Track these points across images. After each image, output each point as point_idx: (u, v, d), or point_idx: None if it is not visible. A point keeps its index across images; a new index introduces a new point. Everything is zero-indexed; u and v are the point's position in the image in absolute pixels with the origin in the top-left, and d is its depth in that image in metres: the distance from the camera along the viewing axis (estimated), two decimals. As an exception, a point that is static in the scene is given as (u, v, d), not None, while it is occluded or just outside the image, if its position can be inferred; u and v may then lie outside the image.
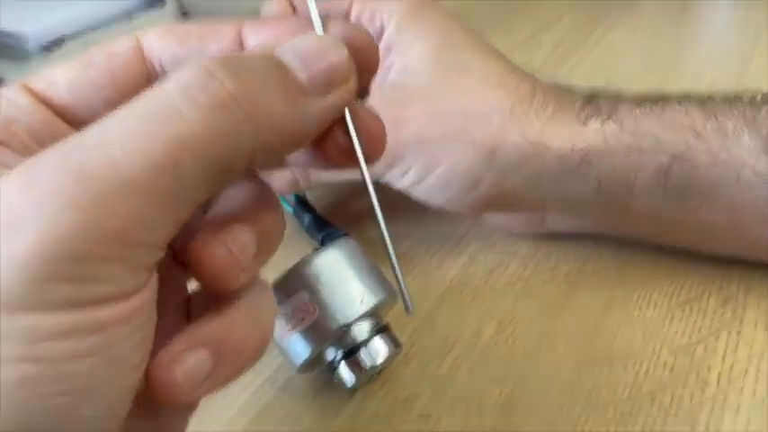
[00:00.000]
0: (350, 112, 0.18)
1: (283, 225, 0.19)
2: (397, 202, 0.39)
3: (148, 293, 0.15)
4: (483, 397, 0.28)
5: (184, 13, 0.67)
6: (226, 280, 0.17)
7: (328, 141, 0.18)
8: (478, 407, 0.27)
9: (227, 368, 0.17)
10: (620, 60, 0.54)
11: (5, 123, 0.18)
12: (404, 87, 0.31)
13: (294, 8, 0.32)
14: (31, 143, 0.18)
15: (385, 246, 0.20)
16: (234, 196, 0.19)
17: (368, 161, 0.19)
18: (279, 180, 0.33)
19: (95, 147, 0.14)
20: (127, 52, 0.19)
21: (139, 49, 0.19)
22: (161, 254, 0.15)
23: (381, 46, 0.32)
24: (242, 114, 0.15)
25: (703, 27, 0.61)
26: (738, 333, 0.29)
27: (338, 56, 0.17)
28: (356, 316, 0.26)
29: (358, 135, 0.18)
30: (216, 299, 0.18)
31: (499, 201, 0.32)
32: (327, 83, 0.17)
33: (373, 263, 0.28)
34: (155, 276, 0.16)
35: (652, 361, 0.28)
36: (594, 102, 0.31)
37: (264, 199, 0.19)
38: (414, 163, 0.31)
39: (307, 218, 0.37)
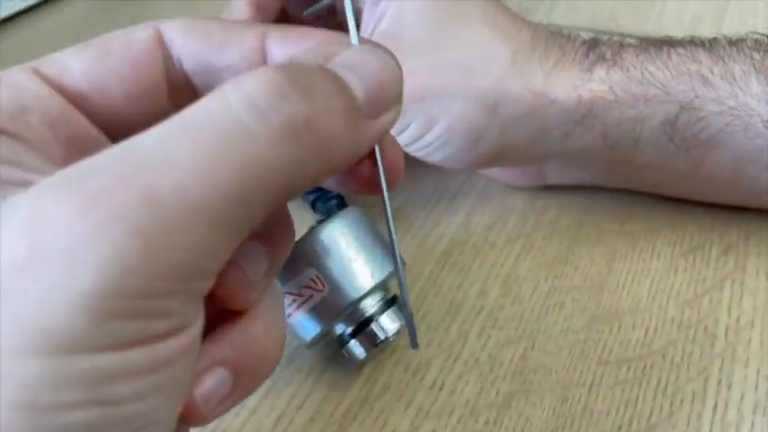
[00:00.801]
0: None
1: (293, 235, 0.18)
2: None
3: (201, 321, 0.14)
4: (495, 362, 0.27)
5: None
6: (237, 301, 0.16)
7: (355, 168, 0.17)
8: (491, 372, 0.27)
9: (246, 384, 0.16)
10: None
11: (18, 112, 0.15)
12: (399, 38, 0.29)
13: (257, 12, 0.30)
14: (49, 136, 0.16)
15: (399, 281, 0.19)
16: None
17: (388, 189, 0.18)
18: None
19: (162, 166, 0.12)
20: (147, 42, 0.17)
21: (160, 40, 0.17)
22: (214, 281, 0.14)
23: None
24: (312, 141, 0.13)
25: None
26: (742, 283, 0.29)
27: (393, 73, 0.16)
28: (366, 290, 0.25)
29: (382, 163, 0.17)
30: (230, 311, 0.16)
31: (500, 156, 0.31)
32: (382, 105, 0.15)
33: (380, 232, 0.27)
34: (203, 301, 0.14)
35: (660, 317, 0.28)
36: (598, 48, 0.30)
37: (277, 212, 0.17)
38: (411, 120, 0.29)
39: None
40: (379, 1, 0.30)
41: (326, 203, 0.34)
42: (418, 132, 0.30)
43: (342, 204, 0.34)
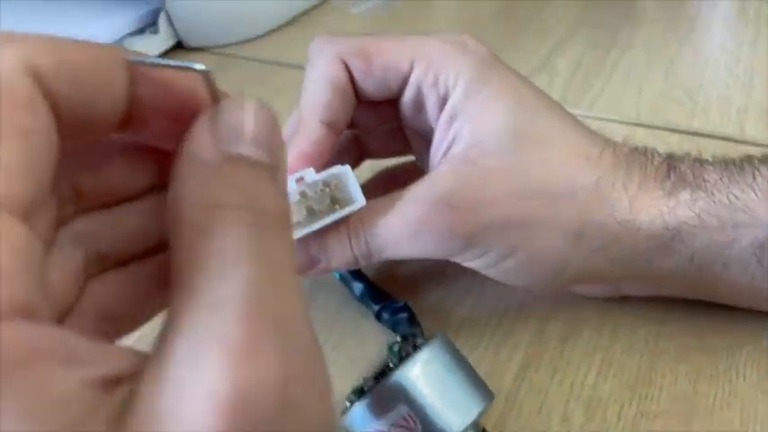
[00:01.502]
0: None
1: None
2: (447, 268, 0.36)
3: None
4: (590, 498, 0.26)
5: (178, 42, 0.63)
6: None
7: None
8: None
9: None
10: (643, 90, 0.52)
11: None
12: (478, 164, 0.28)
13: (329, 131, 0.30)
14: None
15: None
16: None
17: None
18: (338, 259, 0.30)
19: None
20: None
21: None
22: None
23: (445, 113, 0.30)
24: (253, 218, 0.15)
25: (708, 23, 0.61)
26: (839, 407, 0.28)
27: (269, 118, 0.16)
28: (462, 427, 0.24)
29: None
30: None
31: (580, 281, 0.30)
32: (279, 145, 0.16)
33: (467, 361, 0.26)
34: None
35: (758, 446, 0.27)
36: (677, 167, 0.29)
37: None
38: (492, 247, 0.28)
39: (358, 287, 0.34)
40: (453, 119, 0.30)
41: (394, 316, 0.33)
42: (496, 260, 0.29)
43: (411, 317, 0.33)
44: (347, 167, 0.29)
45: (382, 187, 0.38)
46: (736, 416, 0.28)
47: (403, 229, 0.29)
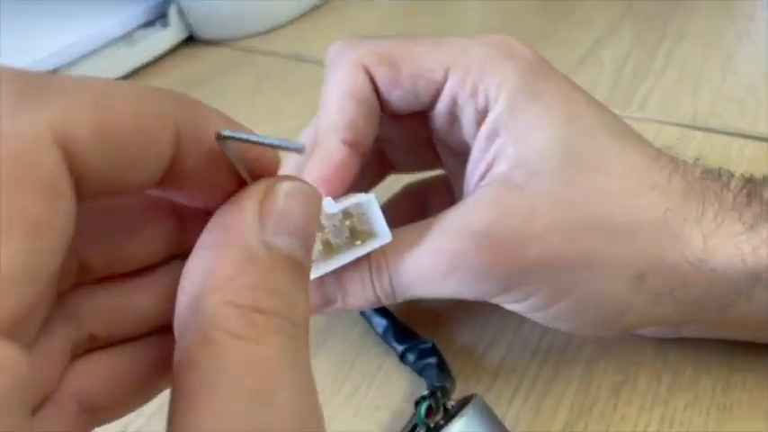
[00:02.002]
0: None
1: None
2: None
3: None
4: None
5: (190, 35, 0.59)
6: None
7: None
8: None
9: None
10: (698, 89, 0.47)
11: None
12: (523, 189, 0.24)
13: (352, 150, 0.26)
14: None
15: None
16: None
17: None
18: (358, 298, 0.26)
19: None
20: None
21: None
22: None
23: (485, 128, 0.25)
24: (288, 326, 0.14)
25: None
26: None
27: (316, 206, 0.16)
28: None
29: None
30: None
31: (642, 326, 0.26)
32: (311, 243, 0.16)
33: (502, 424, 0.22)
34: None
35: None
36: (760, 193, 0.25)
37: None
38: (536, 291, 0.24)
39: (381, 323, 0.30)
40: (494, 137, 0.25)
41: (421, 360, 0.29)
42: (544, 304, 0.25)
43: (440, 362, 0.29)
44: (371, 197, 0.24)
45: (406, 208, 0.33)
46: (826, 492, 0.24)
47: (434, 267, 0.25)
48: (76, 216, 0.12)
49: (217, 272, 0.13)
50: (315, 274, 0.24)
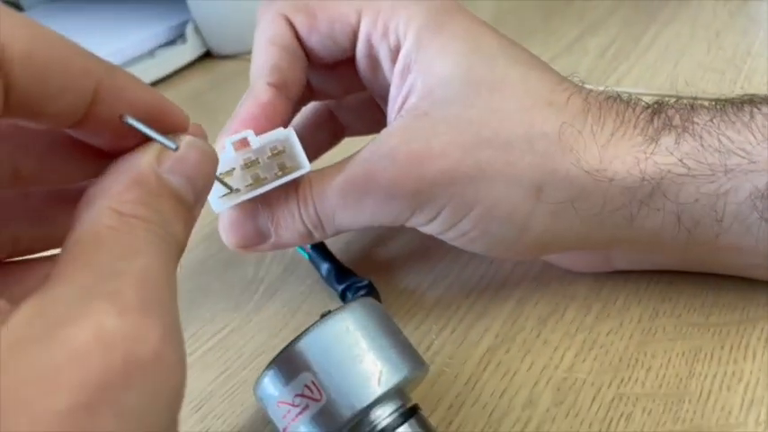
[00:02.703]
0: None
1: None
2: (430, 249, 0.34)
3: None
4: (541, 491, 0.22)
5: (207, 52, 0.64)
6: None
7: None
8: (536, 505, 0.22)
9: None
10: (679, 63, 0.47)
11: None
12: (428, 115, 0.26)
13: (279, 92, 0.28)
14: None
15: None
16: None
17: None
18: (290, 231, 0.28)
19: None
20: None
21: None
22: None
23: (398, 66, 0.27)
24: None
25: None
26: None
27: (211, 159, 0.18)
28: (372, 399, 0.21)
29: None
30: None
31: (552, 245, 0.26)
32: (204, 190, 0.18)
33: (397, 328, 0.23)
34: None
35: (759, 436, 0.22)
36: (663, 112, 0.25)
37: None
38: (443, 206, 0.25)
39: (325, 267, 0.32)
40: (407, 72, 0.27)
41: (357, 293, 0.30)
42: (451, 220, 0.26)
43: (373, 295, 0.30)
44: (290, 130, 0.27)
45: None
46: (736, 399, 0.23)
47: (348, 192, 0.26)
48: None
49: (109, 187, 0.16)
50: (235, 201, 0.26)
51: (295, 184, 0.27)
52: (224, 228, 0.28)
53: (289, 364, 0.21)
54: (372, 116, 0.34)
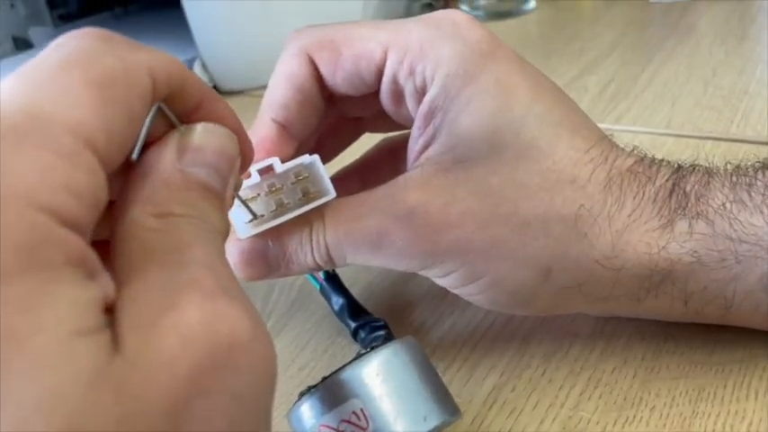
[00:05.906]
0: None
1: None
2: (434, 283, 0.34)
3: None
4: None
5: (214, 87, 0.65)
6: None
7: None
8: None
9: None
10: (677, 101, 0.48)
11: None
12: (448, 173, 0.25)
13: (283, 130, 0.28)
14: None
15: None
16: None
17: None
18: (300, 267, 0.28)
19: None
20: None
21: None
22: None
23: (423, 108, 0.26)
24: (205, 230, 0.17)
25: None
26: None
27: (232, 147, 0.19)
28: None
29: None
30: None
31: (559, 311, 0.27)
32: (232, 173, 0.19)
33: (434, 367, 0.24)
34: None
35: (764, 475, 0.22)
36: (683, 187, 0.25)
37: None
38: (453, 270, 0.26)
39: (338, 301, 0.32)
40: (431, 117, 0.26)
41: (371, 333, 0.30)
42: (461, 282, 0.26)
43: (389, 335, 0.30)
44: (315, 157, 0.26)
45: (380, 162, 0.34)
46: (740, 440, 0.24)
47: (361, 243, 0.26)
48: None
49: (138, 193, 0.17)
50: (261, 228, 0.26)
51: (309, 222, 0.27)
52: (234, 262, 0.28)
53: (338, 389, 0.22)
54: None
